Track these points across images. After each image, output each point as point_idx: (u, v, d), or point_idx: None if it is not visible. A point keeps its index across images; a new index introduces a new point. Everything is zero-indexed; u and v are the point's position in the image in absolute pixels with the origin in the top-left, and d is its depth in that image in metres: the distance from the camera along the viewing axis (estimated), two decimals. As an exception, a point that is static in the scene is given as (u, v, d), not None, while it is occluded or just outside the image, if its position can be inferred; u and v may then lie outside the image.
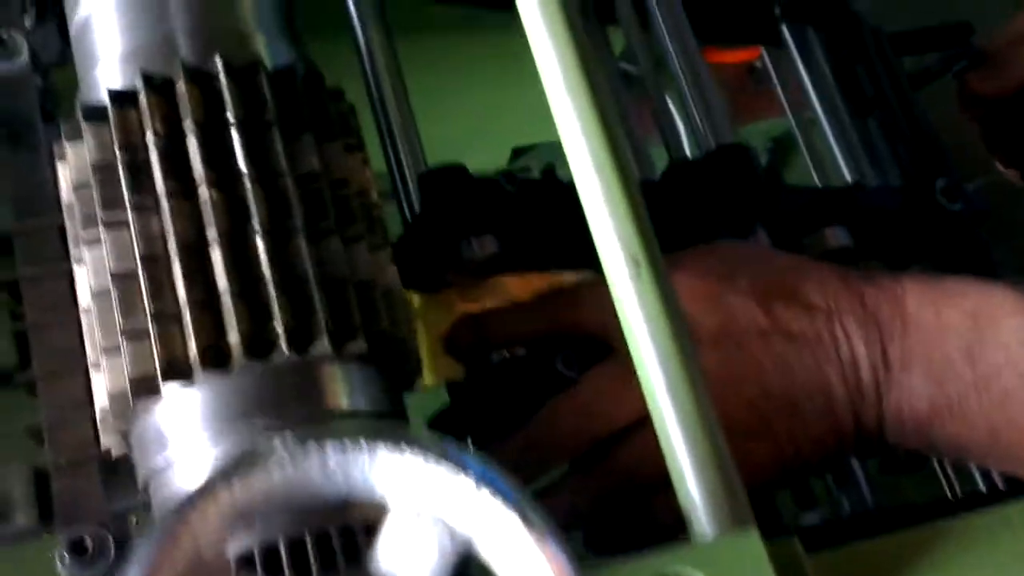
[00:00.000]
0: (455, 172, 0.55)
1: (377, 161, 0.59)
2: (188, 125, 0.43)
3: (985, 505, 0.43)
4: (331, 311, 0.41)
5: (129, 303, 0.41)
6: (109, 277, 0.41)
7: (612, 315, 0.55)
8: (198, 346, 0.39)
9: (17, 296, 0.48)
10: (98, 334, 0.42)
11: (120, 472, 0.44)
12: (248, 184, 0.42)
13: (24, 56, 0.52)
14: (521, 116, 0.96)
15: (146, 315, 0.40)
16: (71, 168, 0.44)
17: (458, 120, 0.95)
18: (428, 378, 0.55)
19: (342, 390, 0.42)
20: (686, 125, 0.71)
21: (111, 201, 0.42)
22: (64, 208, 0.45)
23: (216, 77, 0.43)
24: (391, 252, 0.47)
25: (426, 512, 0.31)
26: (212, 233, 0.41)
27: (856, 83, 0.89)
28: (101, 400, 0.42)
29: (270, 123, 0.43)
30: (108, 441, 0.42)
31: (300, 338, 0.41)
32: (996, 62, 0.77)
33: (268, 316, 0.40)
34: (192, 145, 0.42)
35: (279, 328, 0.40)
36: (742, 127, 0.96)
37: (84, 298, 0.43)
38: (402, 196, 0.58)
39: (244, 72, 0.44)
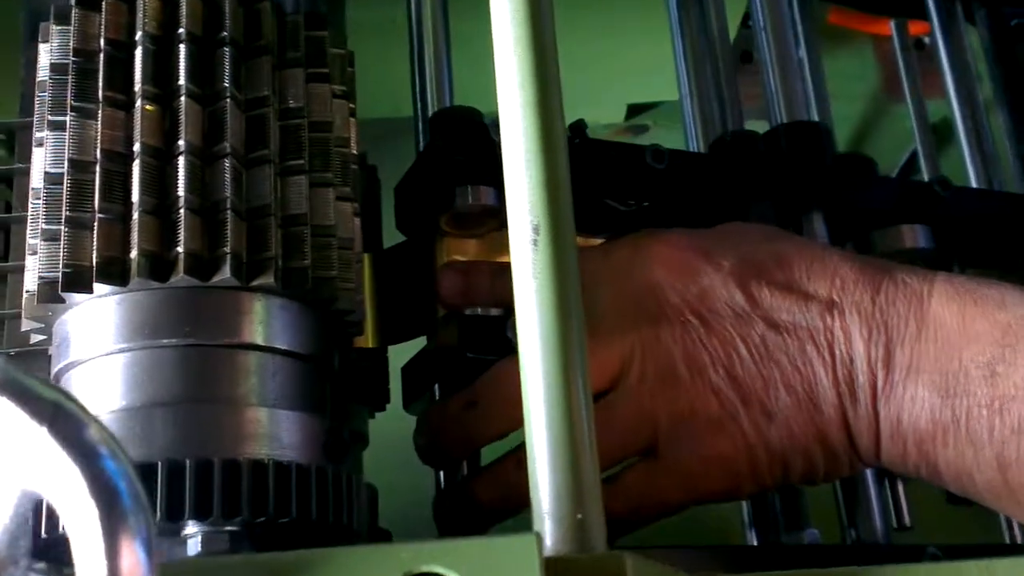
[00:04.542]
0: (467, 115, 0.52)
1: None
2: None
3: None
4: (243, 241, 0.40)
5: (54, 205, 0.41)
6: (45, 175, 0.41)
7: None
8: (97, 259, 0.39)
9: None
10: (28, 228, 0.42)
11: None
12: (184, 101, 0.41)
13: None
14: (637, 72, 0.91)
15: (61, 221, 0.40)
16: (52, 50, 0.44)
17: (571, 71, 0.90)
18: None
19: (245, 322, 0.41)
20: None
21: (81, 93, 0.42)
22: (36, 85, 0.45)
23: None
24: (349, 192, 0.45)
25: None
26: (137, 147, 0.40)
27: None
28: (28, 287, 0.42)
29: (224, 42, 0.42)
30: (27, 328, 0.43)
31: (202, 265, 0.40)
32: None
33: (175, 239, 0.40)
34: (142, 56, 0.42)
35: (181, 251, 0.39)
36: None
37: (36, 181, 0.43)
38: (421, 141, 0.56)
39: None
